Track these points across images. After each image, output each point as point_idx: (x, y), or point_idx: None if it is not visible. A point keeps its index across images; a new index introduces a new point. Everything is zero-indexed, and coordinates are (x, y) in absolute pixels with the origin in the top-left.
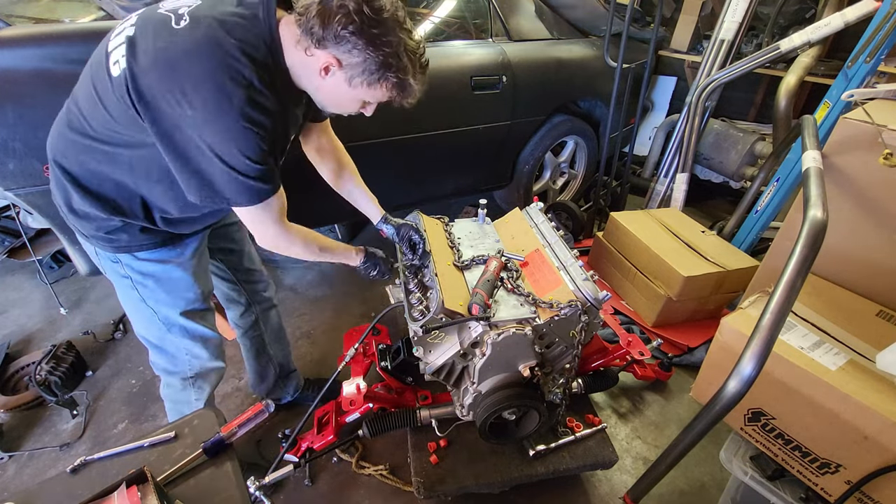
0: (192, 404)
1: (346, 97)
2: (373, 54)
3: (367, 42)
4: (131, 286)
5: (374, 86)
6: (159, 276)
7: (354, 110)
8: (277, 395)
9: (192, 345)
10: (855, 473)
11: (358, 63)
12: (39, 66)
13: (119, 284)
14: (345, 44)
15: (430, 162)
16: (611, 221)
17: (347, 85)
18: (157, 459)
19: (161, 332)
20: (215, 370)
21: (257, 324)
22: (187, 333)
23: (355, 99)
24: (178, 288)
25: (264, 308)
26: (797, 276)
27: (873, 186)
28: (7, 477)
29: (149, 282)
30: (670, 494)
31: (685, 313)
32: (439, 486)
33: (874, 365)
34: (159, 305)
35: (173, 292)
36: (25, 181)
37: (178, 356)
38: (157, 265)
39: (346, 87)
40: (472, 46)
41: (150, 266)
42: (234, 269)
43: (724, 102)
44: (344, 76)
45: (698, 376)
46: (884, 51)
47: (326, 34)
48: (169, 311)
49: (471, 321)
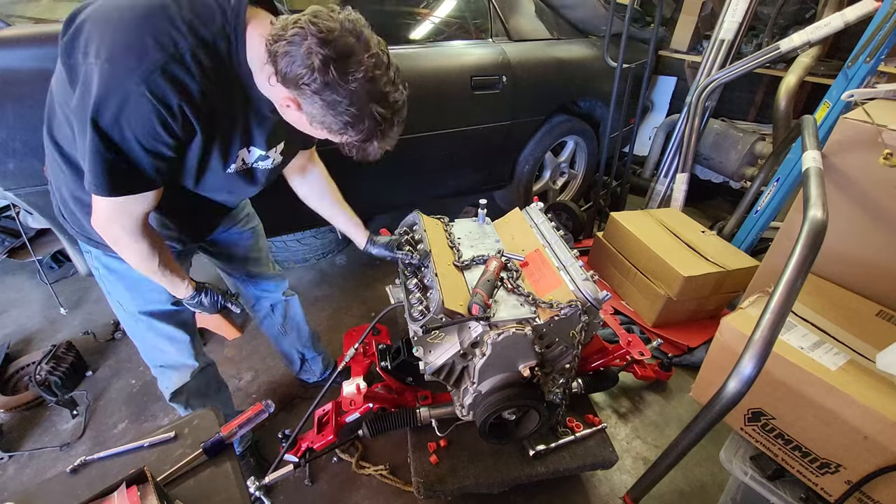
0: (165, 390)
1: (312, 131)
2: (332, 116)
3: (327, 105)
4: (99, 277)
5: (334, 135)
6: (122, 273)
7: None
8: (306, 377)
9: (158, 340)
10: (855, 473)
11: (317, 114)
12: (39, 66)
13: (94, 273)
14: (306, 96)
15: (430, 162)
16: (611, 221)
17: (308, 124)
18: (157, 459)
19: (126, 320)
20: (183, 366)
21: (269, 316)
22: (152, 330)
23: (320, 135)
24: (142, 289)
25: (274, 303)
26: (797, 276)
27: (873, 186)
28: (7, 477)
29: (112, 277)
30: (670, 494)
31: (685, 313)
32: (439, 486)
33: (874, 365)
34: (123, 299)
35: (136, 291)
36: (25, 181)
37: (145, 346)
38: (121, 262)
39: (307, 125)
40: (472, 46)
41: (115, 262)
42: (237, 270)
43: (724, 102)
44: (305, 117)
45: (698, 376)
46: (884, 51)
47: (289, 78)
48: (132, 307)
49: (471, 321)
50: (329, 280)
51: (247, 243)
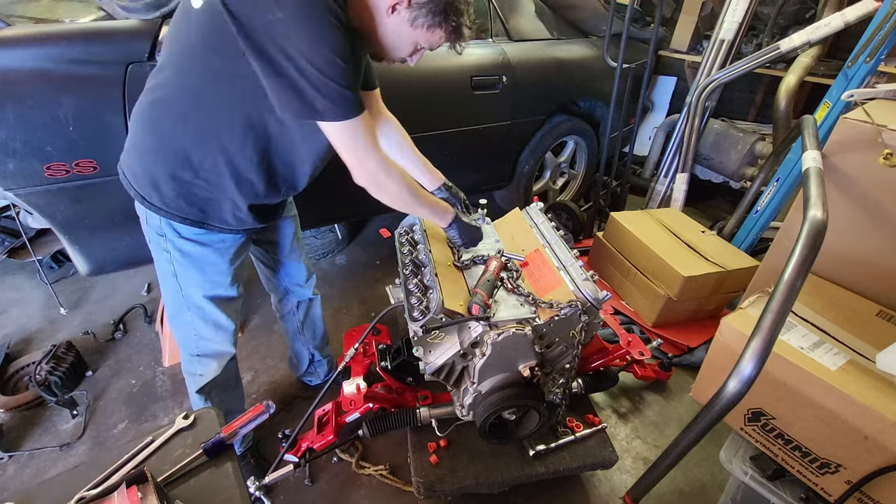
0: (195, 377)
1: (404, 38)
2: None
3: None
4: (168, 260)
5: (433, 28)
6: (196, 257)
7: (405, 54)
8: (309, 378)
9: (204, 327)
10: (855, 473)
11: (425, 3)
12: (39, 66)
13: (158, 256)
14: None
15: (430, 162)
16: (611, 221)
17: (409, 25)
18: (157, 459)
19: (178, 307)
20: (221, 354)
21: (292, 313)
22: (202, 316)
23: (411, 42)
24: (211, 272)
25: (300, 300)
26: (797, 276)
27: (873, 186)
28: (7, 477)
29: (185, 260)
30: (670, 494)
31: (685, 313)
32: (439, 486)
33: (874, 365)
34: (188, 283)
35: (205, 274)
36: (25, 181)
37: (187, 333)
38: (197, 247)
39: (407, 27)
40: (472, 46)
41: (191, 246)
42: (276, 261)
43: (724, 102)
44: (409, 15)
45: (698, 376)
46: (884, 51)
47: None
48: (194, 290)
49: (471, 321)
50: (329, 280)
51: (290, 230)
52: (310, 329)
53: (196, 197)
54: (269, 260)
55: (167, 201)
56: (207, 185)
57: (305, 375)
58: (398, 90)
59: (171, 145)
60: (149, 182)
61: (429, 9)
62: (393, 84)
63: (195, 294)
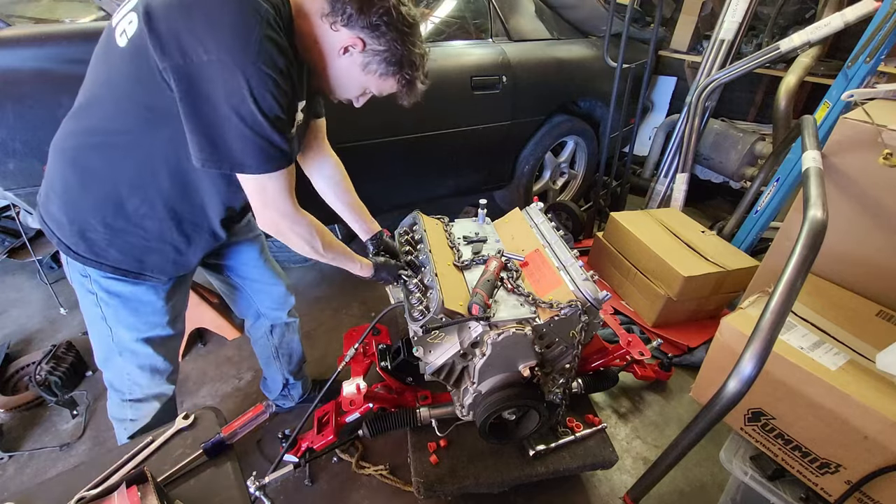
0: (126, 423)
1: (354, 81)
2: (399, 48)
3: (397, 36)
4: (95, 303)
5: (385, 77)
6: (128, 297)
7: (352, 96)
8: (282, 402)
9: (139, 373)
10: (855, 473)
11: (381, 51)
12: (39, 66)
13: (83, 299)
14: (376, 31)
15: (430, 162)
16: (611, 221)
17: (361, 69)
18: (157, 459)
19: (109, 352)
20: (158, 397)
21: (266, 337)
22: (136, 361)
23: (360, 86)
24: (146, 312)
25: (275, 323)
26: (797, 276)
27: (873, 186)
28: (7, 477)
29: (115, 301)
30: (670, 494)
31: (685, 313)
32: (439, 486)
33: (874, 365)
34: (119, 326)
35: (139, 315)
36: (25, 181)
37: (120, 378)
38: (128, 285)
39: (358, 70)
40: (472, 46)
41: (121, 286)
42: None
43: (724, 102)
44: (362, 60)
45: (698, 376)
46: (884, 51)
47: (361, 17)
48: (127, 333)
49: (471, 321)
50: (329, 280)
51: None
52: (285, 355)
53: (131, 246)
54: (230, 284)
55: (96, 251)
56: (144, 233)
57: (279, 399)
58: None
59: (102, 190)
60: (76, 231)
61: (384, 57)
62: None
63: (127, 338)
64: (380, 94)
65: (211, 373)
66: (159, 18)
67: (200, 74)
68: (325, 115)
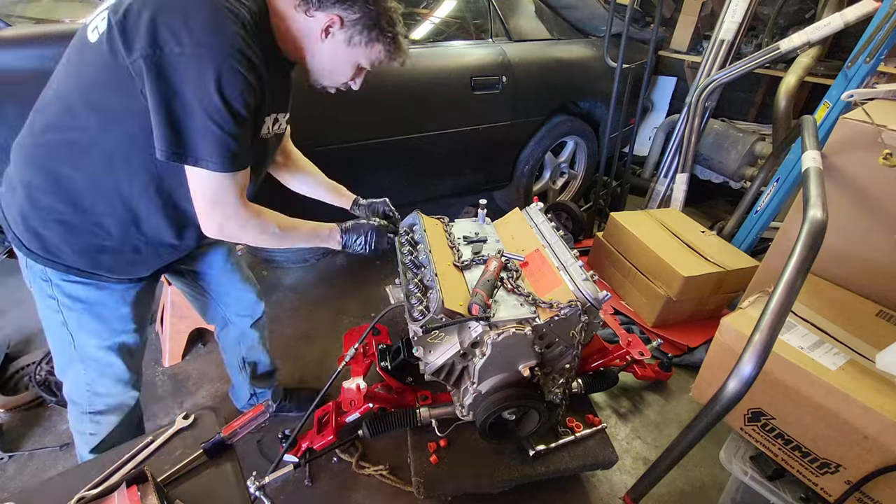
0: (84, 437)
1: (343, 60)
2: (371, 8)
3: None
4: (55, 308)
5: (371, 44)
6: (91, 302)
7: (347, 78)
8: None
9: (100, 383)
10: (855, 473)
11: (358, 19)
12: (39, 66)
13: (42, 303)
14: (347, 2)
15: (430, 162)
16: (611, 221)
17: (346, 45)
18: (157, 459)
19: (69, 360)
20: (120, 408)
21: (234, 347)
22: (99, 370)
23: (351, 63)
24: (110, 317)
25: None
26: (797, 276)
27: (873, 186)
28: (7, 477)
29: (78, 306)
30: (670, 494)
31: (685, 313)
32: (439, 486)
33: (874, 365)
34: (81, 333)
35: (103, 321)
36: None
37: (78, 389)
38: (92, 290)
39: (344, 47)
40: (472, 47)
41: (84, 291)
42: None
43: (724, 102)
44: (344, 35)
45: (698, 376)
46: (884, 51)
47: None
48: (89, 340)
49: (471, 321)
50: (329, 280)
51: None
52: (252, 366)
53: (86, 245)
54: (196, 290)
55: (50, 248)
56: (101, 231)
57: (246, 408)
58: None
59: (59, 186)
60: (30, 227)
61: (363, 24)
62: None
63: (90, 345)
64: (372, 66)
65: (211, 373)
66: (133, 13)
67: (172, 65)
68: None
